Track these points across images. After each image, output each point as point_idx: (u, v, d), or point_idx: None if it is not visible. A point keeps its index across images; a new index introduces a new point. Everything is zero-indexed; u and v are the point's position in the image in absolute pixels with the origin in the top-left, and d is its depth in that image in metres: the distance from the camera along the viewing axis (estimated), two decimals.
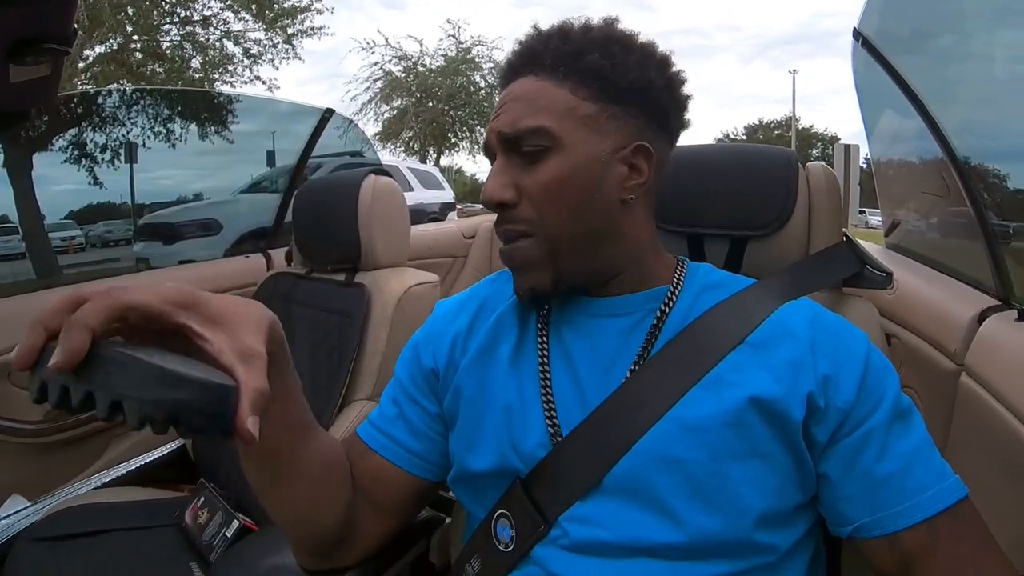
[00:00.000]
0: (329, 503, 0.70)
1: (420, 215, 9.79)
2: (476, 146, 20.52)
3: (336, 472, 0.72)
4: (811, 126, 35.27)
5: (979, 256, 1.20)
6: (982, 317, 1.10)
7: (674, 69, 0.71)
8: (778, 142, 34.73)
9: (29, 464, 1.46)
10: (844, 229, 1.01)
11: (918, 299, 1.33)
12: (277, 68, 15.86)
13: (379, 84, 19.91)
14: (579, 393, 0.68)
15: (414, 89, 19.83)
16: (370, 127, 19.56)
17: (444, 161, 21.28)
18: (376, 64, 19.77)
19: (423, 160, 19.12)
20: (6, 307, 1.46)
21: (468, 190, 31.77)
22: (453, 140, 20.66)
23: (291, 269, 1.58)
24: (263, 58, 14.82)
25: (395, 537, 0.80)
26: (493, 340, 0.74)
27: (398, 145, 20.35)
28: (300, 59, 15.19)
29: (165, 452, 1.61)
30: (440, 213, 10.24)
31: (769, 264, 0.95)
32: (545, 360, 0.71)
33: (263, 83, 14.97)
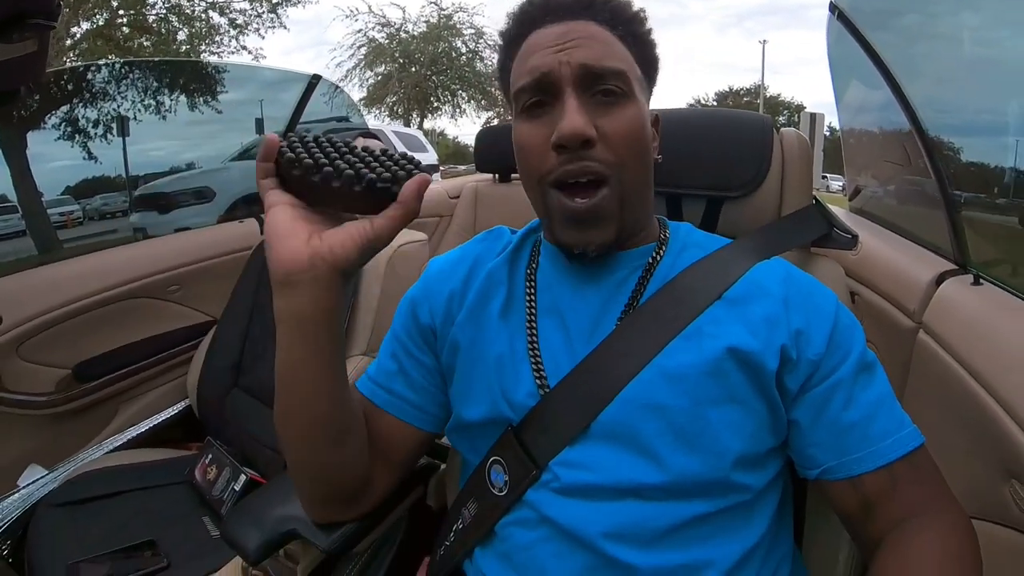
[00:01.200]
0: (357, 452, 0.71)
1: None
2: (458, 110, 20.40)
3: (361, 424, 0.72)
4: (779, 94, 34.95)
5: (938, 223, 1.22)
6: (940, 279, 1.12)
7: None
8: (746, 108, 34.50)
9: (43, 434, 1.47)
10: (813, 192, 1.02)
11: (881, 261, 1.35)
12: (263, 38, 15.39)
13: (363, 51, 19.51)
14: (568, 344, 0.69)
15: (397, 55, 19.48)
16: (355, 93, 19.25)
17: (427, 124, 21.02)
18: (360, 31, 19.38)
19: (407, 124, 18.90)
20: (11, 283, 1.45)
21: (450, 152, 31.35)
22: (436, 104, 20.42)
23: None
24: (248, 28, 14.47)
25: (399, 485, 0.82)
26: (485, 295, 0.75)
27: (383, 110, 20.10)
28: (285, 28, 14.84)
29: (172, 414, 1.63)
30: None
31: (743, 223, 0.97)
32: (532, 314, 0.72)
33: (249, 53, 14.60)
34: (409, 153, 0.58)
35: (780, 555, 0.69)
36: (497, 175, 2.54)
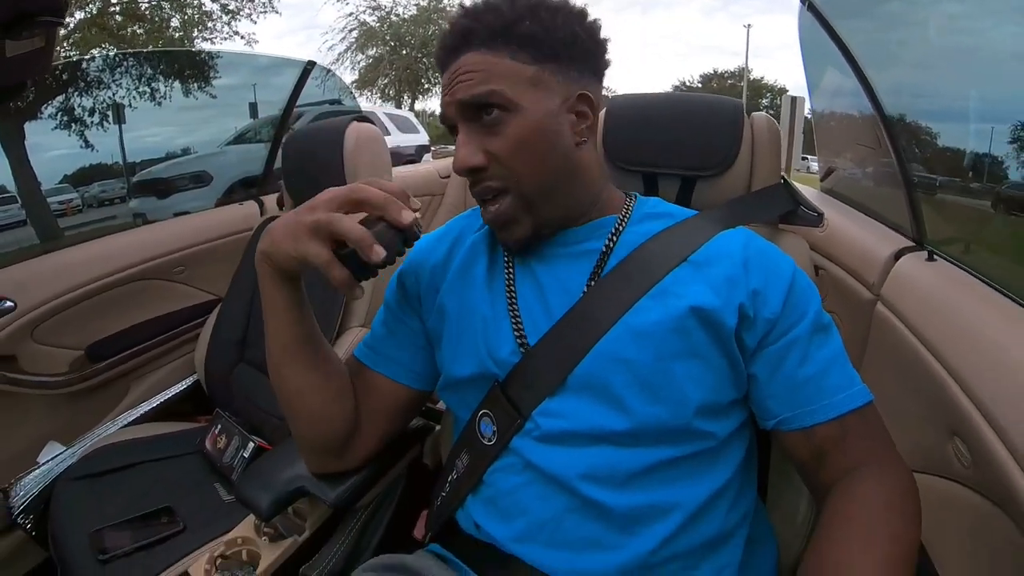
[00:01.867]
0: (341, 401, 0.80)
1: (397, 158, 9.67)
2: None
3: (344, 379, 0.82)
4: (762, 77, 35.09)
5: (901, 203, 1.28)
6: (898, 255, 1.18)
7: (591, 19, 0.75)
8: (731, 91, 34.67)
9: (60, 413, 1.52)
10: (782, 173, 1.09)
11: (845, 237, 1.40)
12: (255, 23, 15.29)
13: (354, 34, 19.50)
14: (545, 306, 0.75)
15: (388, 38, 19.44)
16: (347, 76, 19.15)
17: (418, 106, 20.94)
18: (351, 15, 19.41)
19: (399, 106, 18.79)
20: (22, 271, 1.48)
21: (441, 132, 31.04)
22: (427, 86, 20.32)
23: (283, 213, 1.58)
24: (241, 13, 14.30)
25: (393, 439, 0.89)
26: (469, 262, 0.82)
27: (374, 92, 20.07)
28: (277, 12, 14.70)
29: (181, 388, 1.69)
30: (416, 155, 10.13)
31: (715, 201, 1.03)
32: (511, 281, 0.78)
33: (242, 38, 14.48)
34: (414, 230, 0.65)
35: (745, 505, 0.75)
36: None
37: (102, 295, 1.54)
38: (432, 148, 11.36)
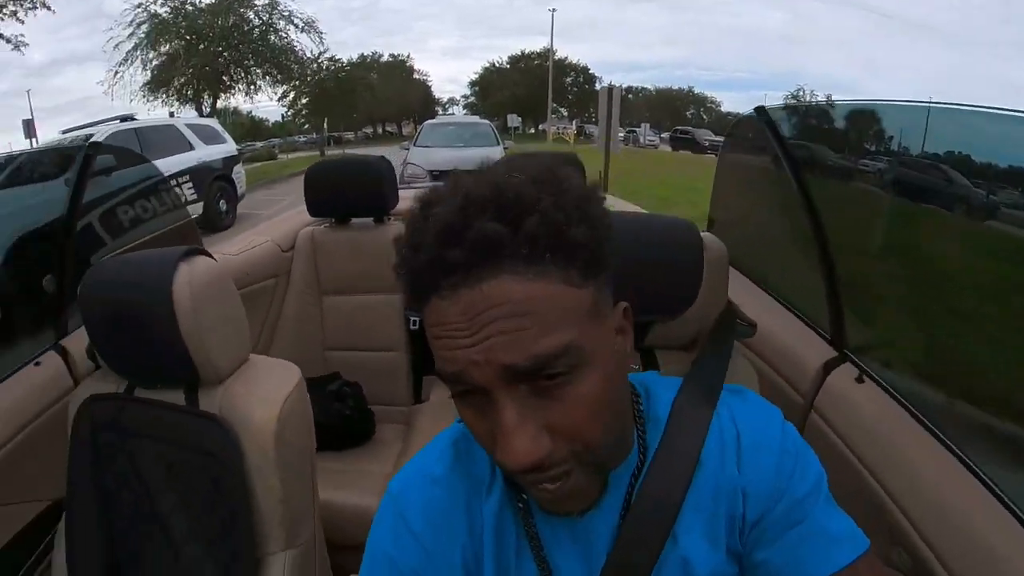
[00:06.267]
0: None
1: (205, 173, 8.88)
2: (252, 87, 18.88)
3: None
4: (565, 57, 38.60)
5: (818, 299, 1.36)
6: (827, 368, 1.25)
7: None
8: (537, 71, 37.72)
9: None
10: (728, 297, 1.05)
11: (773, 341, 1.44)
12: (23, 22, 12.80)
13: (144, 28, 17.17)
14: (585, 562, 0.63)
15: (183, 32, 17.44)
16: (139, 77, 16.91)
17: (220, 104, 19.15)
18: (140, 5, 17.03)
19: (198, 107, 17.05)
20: None
21: (247, 130, 28.97)
22: (229, 83, 18.61)
23: (103, 387, 1.17)
24: (4, 11, 11.96)
25: None
26: (500, 551, 0.64)
27: (170, 93, 17.90)
28: (48, 7, 12.44)
29: None
30: (224, 168, 9.38)
31: (669, 336, 1.05)
32: (543, 558, 0.63)
33: (7, 41, 12.16)
34: None
35: None
36: (334, 219, 2.25)
37: None
38: (238, 148, 10.43)
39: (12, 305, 1.66)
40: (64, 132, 7.81)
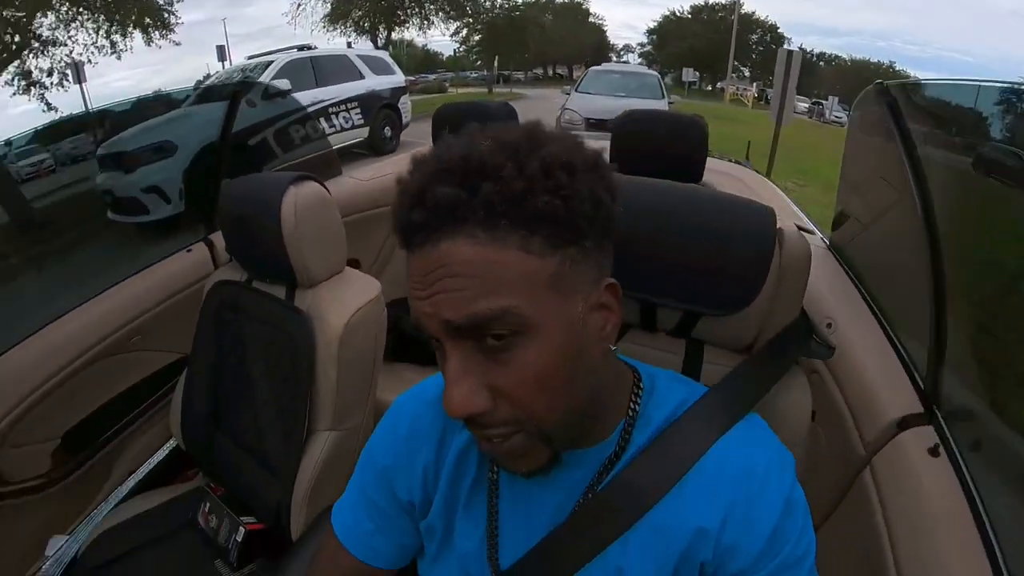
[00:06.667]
0: None
1: (373, 101, 9.37)
2: (426, 21, 19.48)
3: None
4: (753, 12, 34.82)
5: (921, 332, 1.09)
6: (903, 424, 1.05)
7: (603, 162, 0.55)
8: (720, 24, 34.05)
9: (52, 506, 1.49)
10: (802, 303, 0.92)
11: (859, 372, 1.20)
12: None
13: None
14: (527, 528, 0.67)
15: None
16: (319, 9, 18.21)
17: (395, 37, 20.11)
18: None
19: (374, 39, 18.04)
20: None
21: (419, 63, 30.16)
22: (403, 17, 19.40)
23: (232, 275, 1.47)
24: None
25: None
26: (456, 480, 0.71)
27: (348, 25, 19.08)
28: None
29: (162, 456, 1.68)
30: (392, 98, 9.85)
31: (719, 337, 0.90)
32: (495, 500, 0.69)
33: None
34: None
35: None
36: None
37: (64, 386, 1.47)
38: (411, 78, 10.83)
39: (189, 203, 2.09)
40: (249, 58, 8.71)
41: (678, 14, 36.70)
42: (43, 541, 1.40)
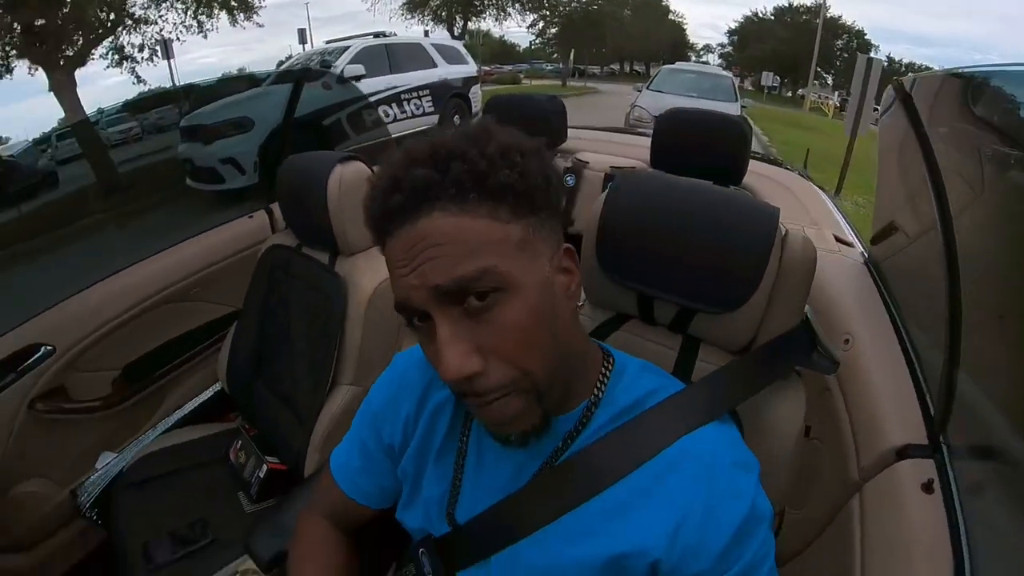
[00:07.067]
0: None
1: (444, 89, 9.46)
2: (502, 13, 19.62)
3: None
4: (839, 16, 32.61)
5: (938, 348, 0.98)
6: (902, 453, 0.97)
7: (547, 153, 0.62)
8: (804, 28, 32.21)
9: (107, 426, 1.70)
10: (805, 309, 0.89)
11: (865, 388, 1.13)
12: None
13: None
14: (486, 489, 0.72)
15: None
16: None
17: (471, 26, 20.32)
18: None
19: (451, 28, 18.29)
20: (57, 314, 1.61)
21: (496, 52, 30.31)
22: (479, 7, 19.60)
23: (286, 241, 1.64)
24: None
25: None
26: (429, 432, 0.77)
27: (425, 13, 19.44)
28: None
29: (208, 396, 1.87)
30: (463, 87, 9.96)
31: (715, 336, 0.89)
32: (463, 456, 0.75)
33: None
34: None
35: None
36: None
37: (131, 324, 1.67)
38: (487, 68, 10.84)
39: (263, 175, 2.30)
40: (327, 42, 9.01)
41: (760, 15, 35.20)
42: (95, 455, 1.62)
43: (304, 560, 0.87)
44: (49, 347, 1.54)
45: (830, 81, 34.75)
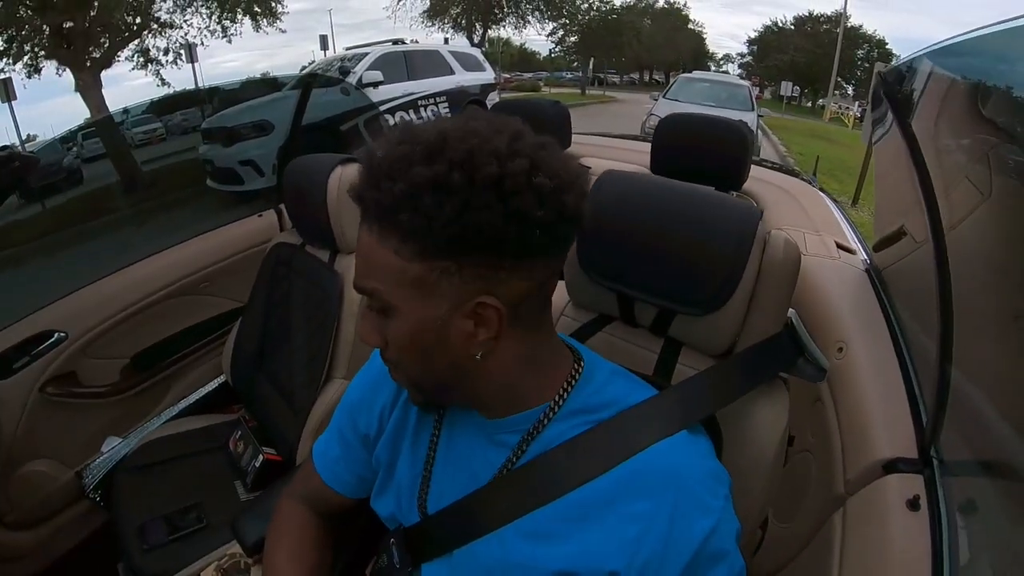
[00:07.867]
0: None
1: (461, 96, 9.56)
2: (522, 20, 19.70)
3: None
4: (860, 25, 32.03)
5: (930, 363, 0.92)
6: (888, 468, 0.91)
7: (521, 194, 0.55)
8: (825, 37, 31.70)
9: (114, 412, 1.77)
10: (791, 314, 0.88)
11: (856, 399, 1.07)
12: None
13: None
14: (453, 483, 0.74)
15: None
16: (418, 5, 18.85)
17: (491, 34, 20.45)
18: None
19: (470, 36, 18.43)
20: (72, 302, 1.67)
21: (516, 60, 30.42)
22: (499, 15, 19.69)
23: (291, 239, 1.70)
24: None
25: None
26: (405, 416, 0.80)
27: (445, 21, 19.58)
28: None
29: (212, 387, 1.94)
30: (481, 94, 10.04)
31: (695, 339, 0.88)
32: (435, 445, 0.77)
33: None
34: None
35: None
36: None
37: (142, 314, 1.74)
38: (507, 75, 10.94)
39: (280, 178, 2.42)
40: (347, 48, 9.14)
41: (780, 25, 34.78)
42: (101, 438, 1.69)
43: (280, 539, 0.91)
44: (62, 333, 1.61)
45: (851, 91, 34.07)
